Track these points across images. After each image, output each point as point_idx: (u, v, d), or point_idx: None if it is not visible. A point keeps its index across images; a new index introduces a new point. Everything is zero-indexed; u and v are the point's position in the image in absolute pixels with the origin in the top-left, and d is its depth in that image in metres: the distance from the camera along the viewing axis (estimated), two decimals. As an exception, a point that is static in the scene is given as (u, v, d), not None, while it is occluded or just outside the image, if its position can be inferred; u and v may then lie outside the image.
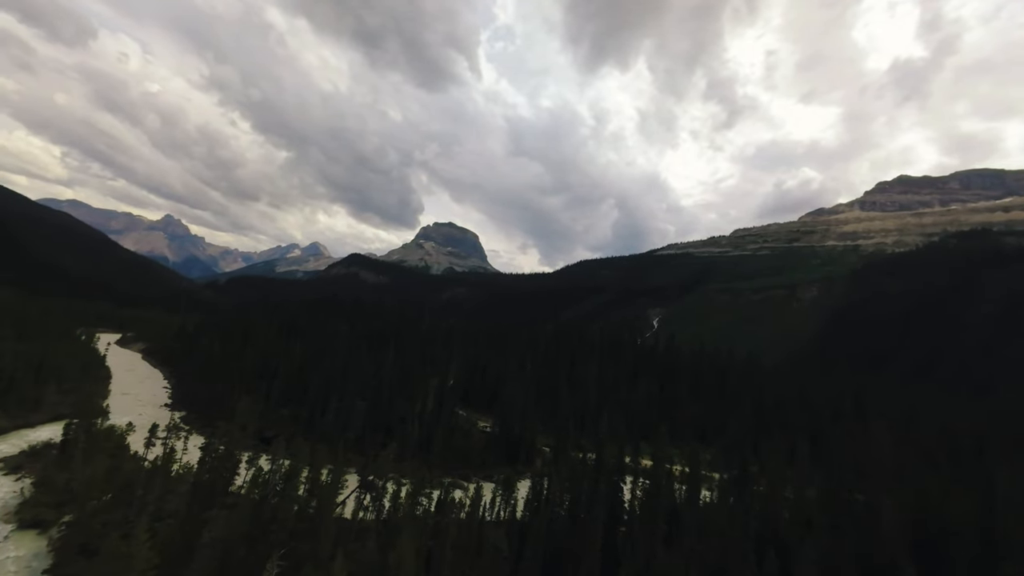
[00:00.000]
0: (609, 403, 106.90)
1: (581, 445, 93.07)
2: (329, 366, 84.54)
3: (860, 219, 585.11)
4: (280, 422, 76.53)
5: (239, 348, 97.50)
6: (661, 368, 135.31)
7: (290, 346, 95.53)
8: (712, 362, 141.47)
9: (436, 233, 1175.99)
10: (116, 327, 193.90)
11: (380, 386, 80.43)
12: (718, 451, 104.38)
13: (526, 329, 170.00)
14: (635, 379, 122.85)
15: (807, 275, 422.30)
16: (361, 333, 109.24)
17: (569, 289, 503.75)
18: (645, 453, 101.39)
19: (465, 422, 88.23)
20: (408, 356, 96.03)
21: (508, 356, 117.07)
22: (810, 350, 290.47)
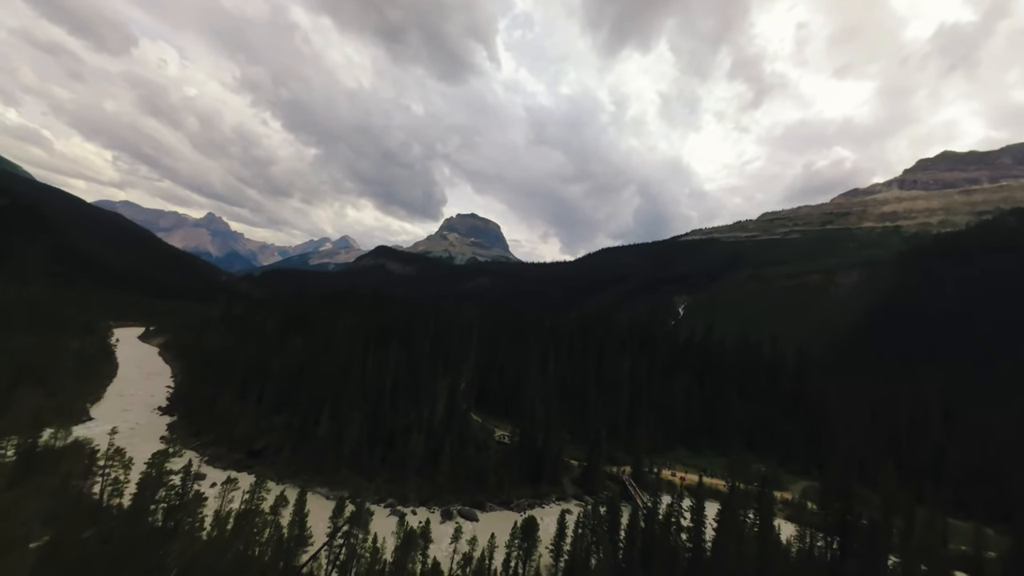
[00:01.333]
0: (643, 404, 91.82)
1: (615, 457, 78.99)
2: (327, 367, 72.67)
3: (900, 199, 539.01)
4: (271, 432, 65.05)
5: (237, 346, 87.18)
6: (699, 363, 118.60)
7: (289, 343, 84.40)
8: (757, 357, 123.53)
9: (459, 224, 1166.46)
10: (145, 319, 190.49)
11: (382, 390, 67.88)
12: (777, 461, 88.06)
13: (548, 319, 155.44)
14: (670, 375, 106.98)
15: (845, 259, 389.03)
16: (369, 328, 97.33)
17: (592, 277, 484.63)
18: (688, 464, 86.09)
19: (480, 430, 75.02)
20: (418, 354, 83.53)
21: (529, 351, 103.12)
22: (853, 341, 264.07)
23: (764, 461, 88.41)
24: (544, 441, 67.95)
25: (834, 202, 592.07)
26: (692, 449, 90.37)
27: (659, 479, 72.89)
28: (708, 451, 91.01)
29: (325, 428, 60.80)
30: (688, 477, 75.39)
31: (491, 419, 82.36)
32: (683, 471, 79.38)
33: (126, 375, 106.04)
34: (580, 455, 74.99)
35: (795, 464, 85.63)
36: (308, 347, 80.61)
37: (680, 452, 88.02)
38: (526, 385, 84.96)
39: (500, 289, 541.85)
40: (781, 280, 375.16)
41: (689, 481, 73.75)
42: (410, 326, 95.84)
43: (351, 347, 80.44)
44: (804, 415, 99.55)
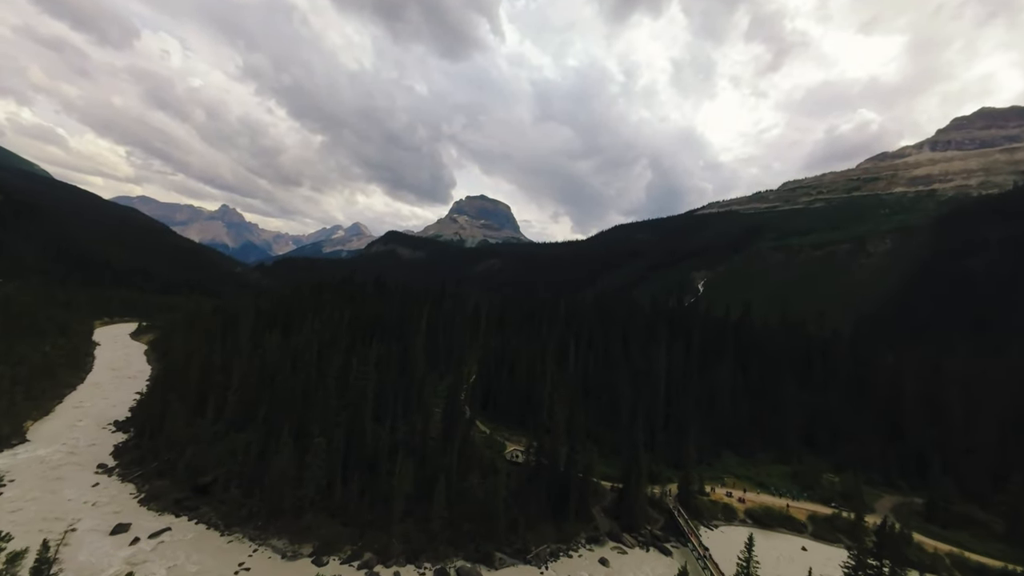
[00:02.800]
0: (681, 400, 76.02)
1: (654, 472, 63.82)
2: (297, 374, 58.39)
3: (934, 160, 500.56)
4: (224, 459, 51.15)
5: (201, 346, 73.55)
6: (738, 347, 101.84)
7: (262, 343, 70.31)
8: (803, 337, 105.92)
9: (469, 207, 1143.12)
10: (142, 315, 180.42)
11: (362, 402, 53.38)
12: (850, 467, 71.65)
13: (564, 304, 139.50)
14: (707, 364, 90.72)
15: (875, 227, 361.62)
16: (357, 323, 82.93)
17: (605, 255, 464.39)
18: (740, 475, 70.59)
19: (487, 446, 60.33)
20: (413, 351, 68.78)
21: (545, 343, 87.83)
22: (889, 313, 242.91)
23: (833, 466, 72.49)
24: (568, 460, 53.02)
25: (860, 168, 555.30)
26: (742, 454, 74.76)
27: (711, 500, 57.76)
28: (761, 456, 75.32)
29: (288, 454, 46.84)
30: (748, 496, 60.04)
31: (501, 428, 67.75)
32: (737, 485, 64.06)
33: (97, 380, 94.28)
34: (612, 472, 60.04)
35: (874, 470, 69.39)
36: (283, 347, 66.54)
37: (729, 459, 72.49)
38: (542, 384, 69.77)
39: (511, 270, 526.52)
40: (807, 251, 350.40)
41: (751, 503, 58.43)
42: (405, 318, 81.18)
43: (331, 345, 66.06)
44: (873, 404, 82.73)
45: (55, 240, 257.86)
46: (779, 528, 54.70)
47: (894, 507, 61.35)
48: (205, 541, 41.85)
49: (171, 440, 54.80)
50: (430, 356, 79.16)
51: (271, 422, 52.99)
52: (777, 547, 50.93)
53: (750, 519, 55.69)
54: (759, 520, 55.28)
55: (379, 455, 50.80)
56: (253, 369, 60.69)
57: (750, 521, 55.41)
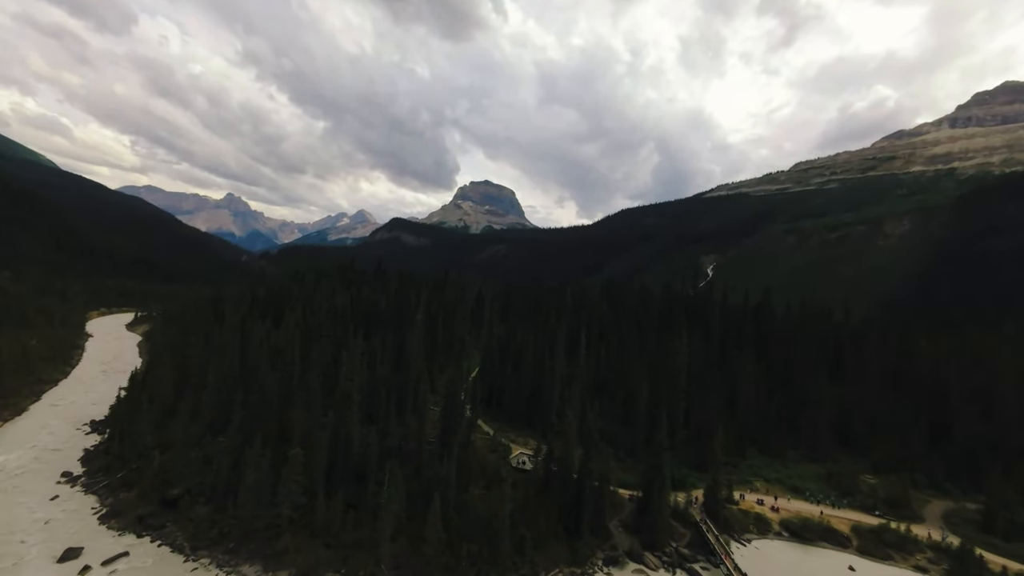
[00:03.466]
0: (703, 394, 69.26)
1: (676, 476, 57.47)
2: (275, 372, 52.29)
3: (954, 138, 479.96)
4: (198, 468, 45.48)
5: (183, 339, 67.74)
6: (758, 336, 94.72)
7: (248, 336, 64.18)
8: (828, 324, 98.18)
9: (473, 192, 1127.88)
10: (141, 305, 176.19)
11: (348, 404, 47.22)
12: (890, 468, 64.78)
13: (572, 290, 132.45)
14: (725, 354, 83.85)
15: (893, 207, 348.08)
16: (350, 313, 76.61)
17: (612, 240, 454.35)
18: (769, 477, 64.03)
19: (491, 448, 54.22)
20: (410, 343, 62.46)
21: (552, 330, 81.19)
22: (909, 296, 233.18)
23: (871, 467, 65.80)
24: (582, 467, 46.75)
25: (876, 146, 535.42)
26: (770, 454, 68.20)
27: (741, 510, 51.43)
28: (791, 455, 68.76)
29: (260, 466, 40.96)
30: (781, 503, 53.59)
31: (506, 428, 61.62)
32: (767, 490, 57.69)
33: (82, 374, 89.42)
34: (629, 478, 53.84)
35: (917, 471, 62.53)
36: (264, 341, 60.42)
37: (755, 460, 65.99)
38: (551, 380, 63.22)
39: (517, 257, 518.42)
40: (820, 233, 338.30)
41: (785, 512, 52.02)
42: (402, 307, 74.61)
43: (318, 338, 59.87)
44: (913, 397, 75.52)
45: (55, 230, 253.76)
46: (819, 542, 48.32)
47: (944, 514, 54.70)
48: (166, 568, 36.31)
49: (140, 446, 49.20)
50: (429, 349, 72.84)
51: (248, 426, 47.13)
52: (820, 566, 44.67)
53: (786, 532, 49.35)
54: (796, 533, 48.93)
55: (368, 464, 44.81)
56: (229, 366, 54.66)
57: (786, 534, 49.09)
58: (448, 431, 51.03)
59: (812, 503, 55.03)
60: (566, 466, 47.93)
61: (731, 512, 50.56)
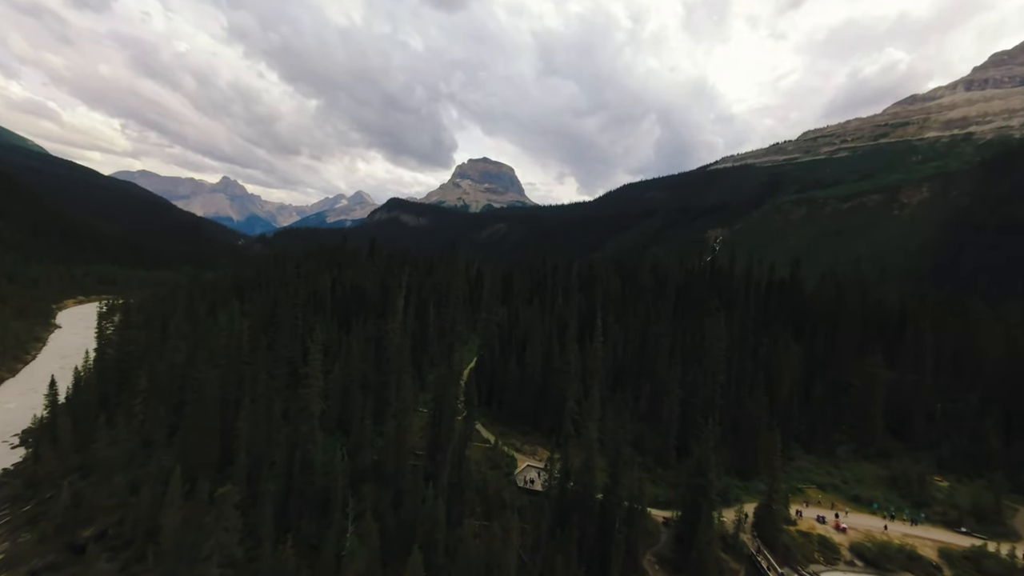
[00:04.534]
0: (737, 382, 58.71)
1: (718, 489, 46.95)
2: (216, 376, 41.59)
3: (971, 101, 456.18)
4: (117, 503, 35.33)
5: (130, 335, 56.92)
6: (789, 316, 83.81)
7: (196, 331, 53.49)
8: (873, 301, 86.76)
9: (471, 170, 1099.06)
10: (123, 292, 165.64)
11: (305, 418, 36.65)
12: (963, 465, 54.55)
13: (577, 266, 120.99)
14: (757, 336, 73.05)
15: (908, 175, 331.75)
16: (330, 299, 65.67)
17: (615, 216, 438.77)
18: (821, 481, 52.91)
19: (491, 461, 43.99)
20: (393, 335, 51.68)
21: (560, 314, 70.41)
22: (930, 267, 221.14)
23: (936, 465, 55.84)
24: (610, 486, 36.57)
25: (888, 112, 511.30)
26: (816, 452, 58.28)
27: (801, 531, 41.52)
28: (841, 453, 58.76)
29: (183, 504, 30.87)
30: (843, 518, 43.72)
31: (509, 432, 51.42)
32: (823, 500, 47.90)
33: (36, 371, 79.48)
34: (661, 493, 43.92)
35: (990, 470, 52.52)
36: (208, 337, 49.74)
37: (802, 460, 55.99)
38: (564, 373, 52.55)
39: (518, 235, 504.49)
40: (833, 203, 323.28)
41: (854, 532, 42.05)
42: (385, 287, 63.31)
43: (284, 331, 49.10)
44: (981, 381, 65.09)
45: (33, 215, 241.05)
46: (902, 572, 38.61)
47: (1045, 528, 44.90)
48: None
49: (53, 470, 39.09)
50: (418, 338, 62.09)
51: (181, 446, 36.86)
52: (911, 609, 34.96)
53: (860, 560, 39.49)
54: (873, 562, 39.08)
55: (332, 491, 34.60)
56: (169, 365, 44.06)
57: (860, 564, 39.22)
58: (438, 442, 40.78)
59: (883, 517, 45.11)
60: (586, 485, 37.76)
61: (789, 535, 40.63)
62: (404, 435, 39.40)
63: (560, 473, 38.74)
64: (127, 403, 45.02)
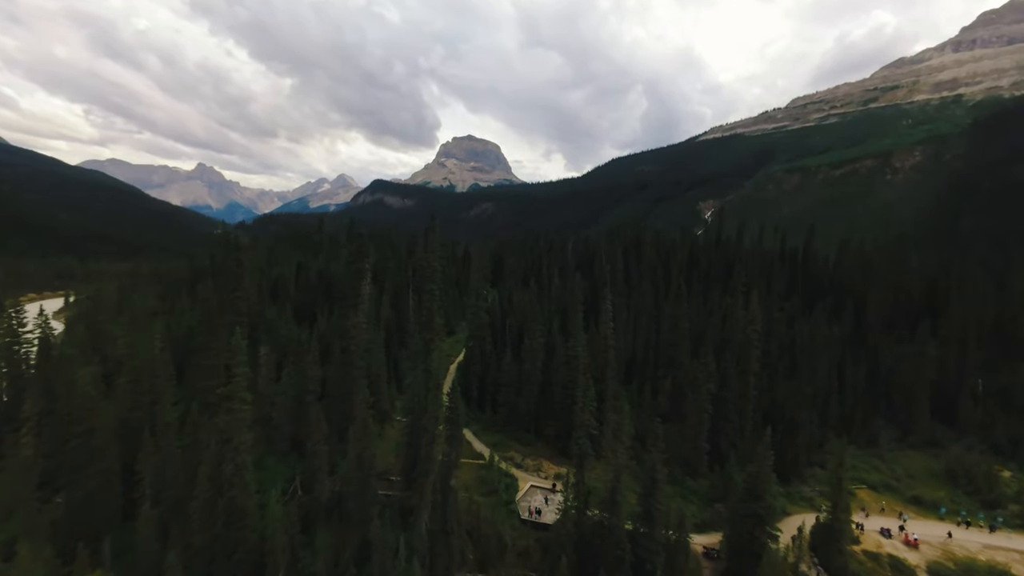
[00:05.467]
0: (766, 372, 50.58)
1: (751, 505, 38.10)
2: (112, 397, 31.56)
3: (960, 62, 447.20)
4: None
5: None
6: (813, 289, 76.05)
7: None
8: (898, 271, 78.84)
9: (456, 149, 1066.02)
10: (80, 287, 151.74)
11: (223, 452, 26.92)
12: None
13: (573, 242, 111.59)
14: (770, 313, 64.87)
15: (900, 140, 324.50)
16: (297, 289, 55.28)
17: (605, 191, 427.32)
18: (867, 478, 44.89)
19: (485, 484, 35.20)
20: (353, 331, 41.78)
21: (559, 297, 61.37)
22: (925, 232, 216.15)
23: (991, 451, 49.03)
24: (646, 519, 28.21)
25: (877, 76, 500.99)
26: (855, 442, 50.95)
27: (867, 551, 33.99)
28: (884, 439, 51.54)
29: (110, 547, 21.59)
30: (909, 527, 36.35)
31: (506, 441, 42.63)
32: (874, 502, 40.55)
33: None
34: (693, 509, 35.93)
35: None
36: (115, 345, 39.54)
37: (835, 447, 48.64)
38: (573, 366, 43.58)
39: (507, 214, 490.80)
40: (825, 171, 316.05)
41: (928, 550, 34.57)
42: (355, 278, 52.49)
43: (220, 333, 39.02)
44: (1016, 352, 58.19)
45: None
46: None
47: None
48: None
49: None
50: (395, 330, 52.40)
51: (76, 488, 27.22)
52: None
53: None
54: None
55: (272, 547, 25.41)
56: (64, 385, 33.85)
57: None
58: (415, 465, 31.67)
59: (956, 523, 37.81)
60: (613, 516, 29.21)
61: (855, 558, 32.99)
62: (369, 463, 30.14)
63: (576, 501, 30.02)
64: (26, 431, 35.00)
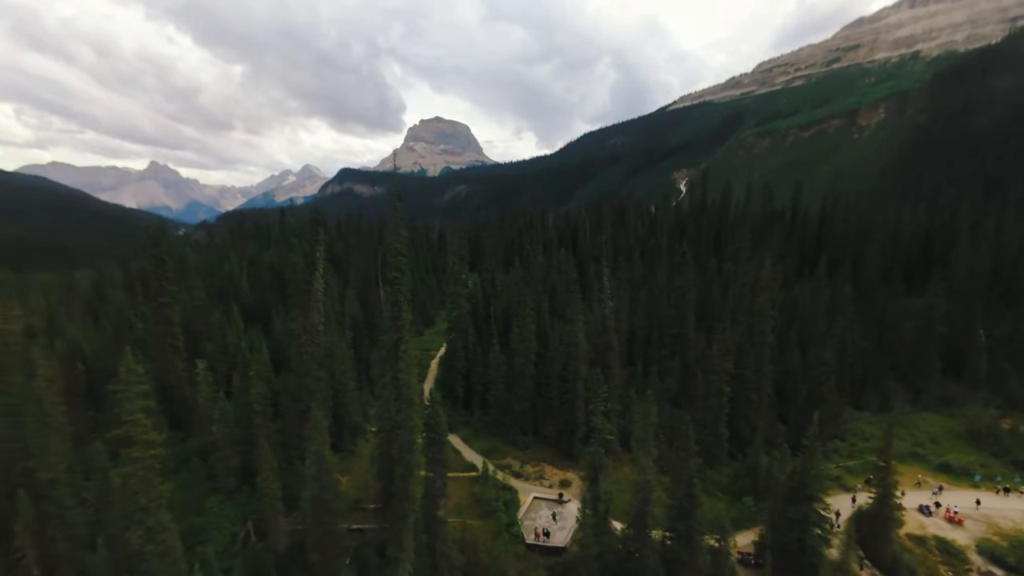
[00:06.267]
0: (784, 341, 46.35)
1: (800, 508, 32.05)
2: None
3: (916, 18, 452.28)
4: None
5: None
6: (805, 249, 72.66)
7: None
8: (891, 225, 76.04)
9: (425, 132, 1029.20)
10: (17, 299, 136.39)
11: (144, 516, 19.95)
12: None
13: (553, 217, 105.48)
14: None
15: (864, 98, 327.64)
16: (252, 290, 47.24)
17: (579, 166, 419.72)
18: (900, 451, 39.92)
19: (478, 504, 29.42)
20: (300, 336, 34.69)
21: (545, 277, 55.47)
22: (894, 186, 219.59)
23: (1005, 404, 46.65)
24: (684, 531, 23.20)
25: (839, 36, 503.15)
26: (868, 407, 47.90)
27: (909, 534, 30.37)
28: (897, 403, 48.61)
29: None
30: (947, 501, 33.04)
31: (500, 446, 36.98)
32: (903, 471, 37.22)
33: None
34: (718, 506, 31.42)
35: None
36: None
37: (855, 420, 45.32)
38: (573, 355, 37.97)
39: (481, 195, 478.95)
40: (794, 133, 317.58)
41: (973, 525, 31.19)
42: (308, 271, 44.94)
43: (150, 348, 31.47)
44: (1017, 301, 56.19)
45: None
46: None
47: None
48: None
49: None
50: (368, 327, 45.48)
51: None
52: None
53: (995, 564, 28.72)
54: (1011, 566, 28.37)
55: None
56: None
57: (1000, 572, 28.42)
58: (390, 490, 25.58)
59: (993, 491, 34.71)
60: (640, 537, 24.07)
61: (904, 547, 29.16)
62: (332, 501, 23.88)
63: (596, 518, 24.61)
64: None
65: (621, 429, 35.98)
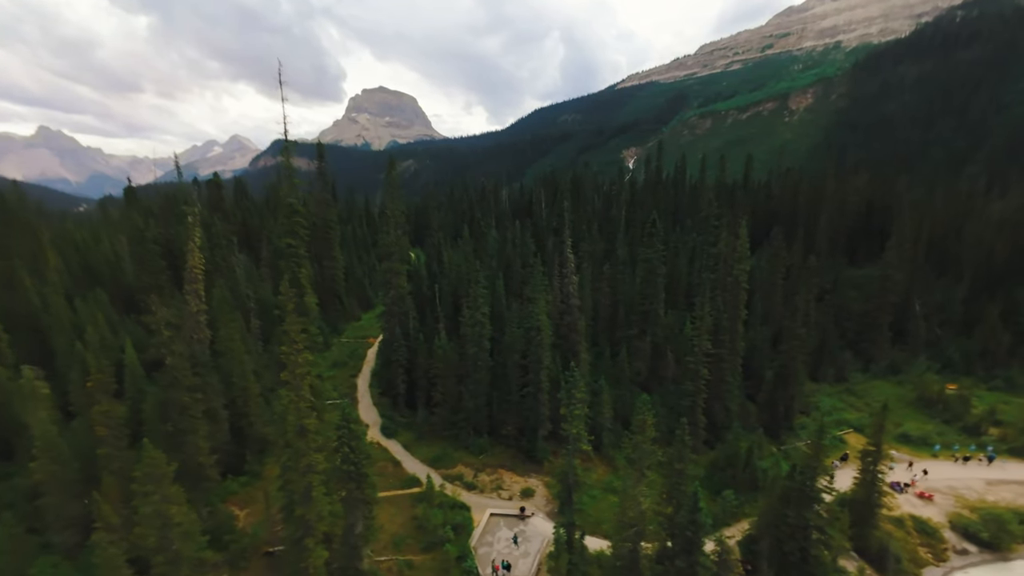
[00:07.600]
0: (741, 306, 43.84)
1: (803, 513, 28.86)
2: None
3: (839, 10, 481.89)
4: None
5: None
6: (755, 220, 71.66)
7: None
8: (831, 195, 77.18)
9: (368, 102, 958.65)
10: None
11: None
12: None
13: (507, 190, 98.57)
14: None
15: (794, 83, 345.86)
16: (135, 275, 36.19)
17: (530, 143, 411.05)
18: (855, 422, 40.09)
19: (422, 531, 23.19)
20: (165, 340, 26.34)
21: (501, 254, 49.13)
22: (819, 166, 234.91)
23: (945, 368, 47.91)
24: (689, 540, 18.64)
25: (772, 23, 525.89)
26: (824, 378, 47.30)
27: (892, 516, 28.67)
28: (850, 370, 48.45)
29: None
30: (921, 474, 32.00)
31: (451, 450, 30.97)
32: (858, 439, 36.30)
33: None
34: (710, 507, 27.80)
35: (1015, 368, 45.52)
36: None
37: (815, 393, 44.40)
38: (537, 341, 32.29)
39: (430, 172, 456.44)
40: (733, 114, 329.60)
41: (944, 502, 30.09)
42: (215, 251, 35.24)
43: None
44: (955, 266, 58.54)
45: None
46: (1018, 546, 27.60)
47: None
48: None
49: None
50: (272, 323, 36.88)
51: None
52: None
53: (969, 540, 27.67)
54: (984, 542, 27.47)
55: None
56: None
57: (974, 548, 27.40)
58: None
59: (954, 459, 34.30)
60: (635, 541, 19.28)
61: (887, 531, 27.20)
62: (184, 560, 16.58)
63: (573, 554, 19.39)
64: None
65: (589, 421, 31.30)
